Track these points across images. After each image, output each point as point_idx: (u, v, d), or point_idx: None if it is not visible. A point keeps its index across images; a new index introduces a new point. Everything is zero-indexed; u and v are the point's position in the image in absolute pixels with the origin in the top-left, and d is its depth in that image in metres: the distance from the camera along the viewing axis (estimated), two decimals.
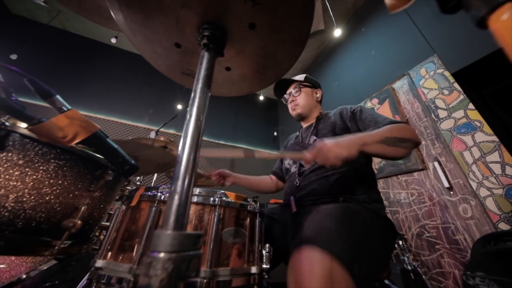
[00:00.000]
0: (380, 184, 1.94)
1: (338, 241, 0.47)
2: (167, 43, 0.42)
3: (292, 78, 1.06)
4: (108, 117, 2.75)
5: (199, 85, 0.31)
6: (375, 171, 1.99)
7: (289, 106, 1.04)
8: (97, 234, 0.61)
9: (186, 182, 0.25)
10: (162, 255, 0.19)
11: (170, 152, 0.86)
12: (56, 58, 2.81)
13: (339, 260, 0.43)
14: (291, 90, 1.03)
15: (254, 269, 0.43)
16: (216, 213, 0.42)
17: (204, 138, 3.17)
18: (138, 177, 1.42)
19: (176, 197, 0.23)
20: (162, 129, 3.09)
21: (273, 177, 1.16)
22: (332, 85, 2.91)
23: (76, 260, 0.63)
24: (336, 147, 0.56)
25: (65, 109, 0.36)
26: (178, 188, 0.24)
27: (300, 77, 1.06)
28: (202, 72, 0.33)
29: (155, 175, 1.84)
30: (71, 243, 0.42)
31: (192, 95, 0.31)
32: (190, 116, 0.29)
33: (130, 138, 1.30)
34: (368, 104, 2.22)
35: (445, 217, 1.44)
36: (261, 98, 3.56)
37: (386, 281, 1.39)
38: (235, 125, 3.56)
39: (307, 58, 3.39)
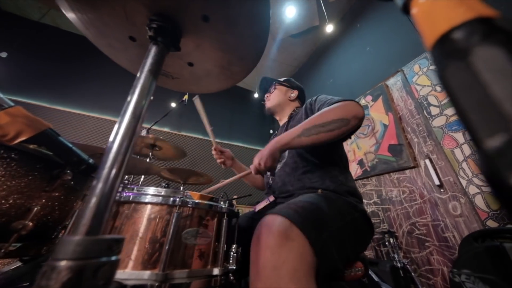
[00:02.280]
0: (373, 181, 1.93)
1: (301, 212, 0.47)
2: (121, 37, 0.40)
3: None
4: (101, 115, 2.73)
5: (140, 80, 0.29)
6: (368, 169, 1.98)
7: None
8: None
9: (111, 177, 0.23)
10: (61, 263, 0.18)
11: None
12: (47, 56, 2.78)
13: (296, 225, 0.44)
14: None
15: (216, 271, 0.42)
16: (175, 214, 0.41)
17: (199, 137, 3.15)
18: (127, 176, 1.41)
19: (94, 199, 0.21)
20: (156, 127, 3.07)
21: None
22: (327, 82, 2.88)
23: (45, 261, 0.62)
24: (262, 159, 0.64)
25: (7, 106, 0.34)
26: (99, 185, 0.22)
27: (282, 79, 1.11)
28: (146, 67, 0.31)
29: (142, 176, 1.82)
30: (24, 245, 0.40)
31: (132, 89, 0.29)
32: (125, 111, 0.27)
33: None
34: (362, 102, 2.20)
35: (435, 214, 1.44)
36: (256, 95, 3.53)
37: (376, 278, 1.40)
38: (230, 123, 3.54)
39: (303, 55, 3.35)
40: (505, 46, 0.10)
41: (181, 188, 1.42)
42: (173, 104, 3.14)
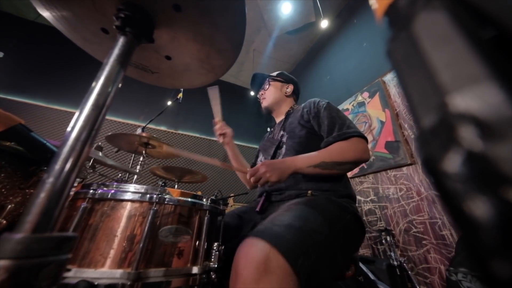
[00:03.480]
0: (370, 179, 1.92)
1: (285, 233, 0.43)
2: (94, 29, 0.38)
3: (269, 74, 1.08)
4: None
5: (104, 72, 0.28)
6: (365, 166, 1.96)
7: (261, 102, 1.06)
8: None
9: (65, 172, 0.21)
10: None
11: None
12: (43, 55, 2.77)
13: (278, 250, 0.39)
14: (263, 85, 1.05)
15: (195, 269, 0.41)
16: (152, 211, 0.40)
17: (195, 135, 3.14)
18: (120, 174, 1.41)
19: (43, 194, 0.20)
20: (153, 126, 3.06)
21: None
22: (324, 79, 2.86)
23: None
24: (269, 171, 0.59)
25: None
26: (50, 179, 0.21)
27: (275, 73, 1.07)
28: (112, 57, 0.29)
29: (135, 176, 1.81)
30: None
31: (95, 79, 0.28)
32: (86, 101, 0.26)
33: (110, 133, 1.27)
34: (359, 98, 2.18)
35: (432, 212, 1.42)
36: (252, 93, 3.51)
37: (372, 277, 1.39)
38: (227, 121, 3.51)
39: (300, 52, 3.32)
40: (449, 9, 0.09)
41: (175, 186, 1.41)
42: (169, 102, 3.13)
